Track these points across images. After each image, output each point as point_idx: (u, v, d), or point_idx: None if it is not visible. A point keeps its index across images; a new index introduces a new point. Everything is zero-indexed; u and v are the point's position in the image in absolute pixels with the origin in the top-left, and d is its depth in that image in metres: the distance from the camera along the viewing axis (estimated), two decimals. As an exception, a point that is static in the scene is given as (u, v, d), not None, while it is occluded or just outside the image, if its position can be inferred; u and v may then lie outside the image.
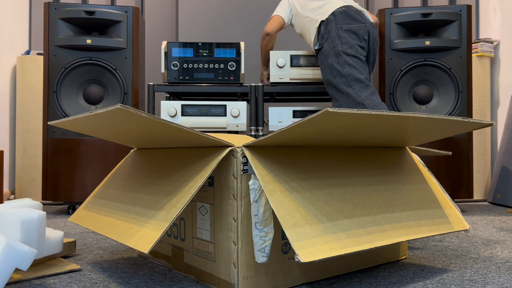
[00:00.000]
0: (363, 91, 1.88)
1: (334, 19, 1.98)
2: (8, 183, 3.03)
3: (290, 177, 0.94)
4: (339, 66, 1.91)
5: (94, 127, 1.08)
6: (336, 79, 1.93)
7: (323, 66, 1.99)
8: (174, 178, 1.00)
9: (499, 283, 1.04)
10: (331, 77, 1.95)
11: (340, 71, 1.91)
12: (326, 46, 1.97)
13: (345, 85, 1.90)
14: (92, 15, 2.28)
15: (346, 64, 1.90)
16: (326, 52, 1.97)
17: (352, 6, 2.04)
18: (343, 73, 1.90)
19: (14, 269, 0.93)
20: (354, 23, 1.99)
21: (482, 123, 1.03)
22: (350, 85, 1.88)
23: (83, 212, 1.26)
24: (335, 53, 1.93)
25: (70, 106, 2.30)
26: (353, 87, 1.88)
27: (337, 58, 1.92)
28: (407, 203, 1.10)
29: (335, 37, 1.94)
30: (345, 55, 1.92)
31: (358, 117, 0.80)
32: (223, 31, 3.17)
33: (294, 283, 1.02)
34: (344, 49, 1.92)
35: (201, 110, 2.23)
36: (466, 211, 2.41)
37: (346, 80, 1.90)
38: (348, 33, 1.95)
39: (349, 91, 1.89)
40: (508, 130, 2.86)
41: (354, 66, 1.91)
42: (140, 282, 1.06)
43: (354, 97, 1.88)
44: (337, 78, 1.92)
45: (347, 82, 1.89)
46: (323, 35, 1.99)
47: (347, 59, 1.91)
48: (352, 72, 1.90)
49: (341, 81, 1.91)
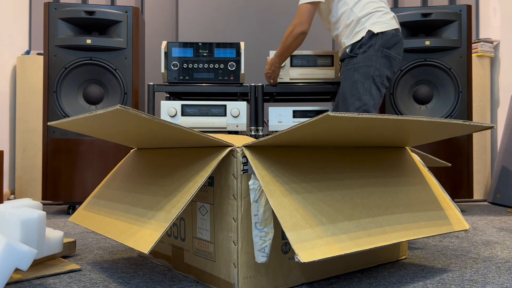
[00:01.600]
0: None
1: (382, 38, 1.83)
2: (8, 183, 3.03)
3: (290, 177, 0.94)
4: (362, 90, 1.81)
5: (94, 128, 1.08)
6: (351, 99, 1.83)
7: (347, 75, 1.88)
8: (174, 178, 1.00)
9: (499, 283, 1.04)
10: (348, 93, 1.85)
11: (360, 95, 1.81)
12: (361, 60, 1.83)
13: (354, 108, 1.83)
14: (92, 15, 2.28)
15: (368, 93, 1.81)
16: (356, 66, 1.84)
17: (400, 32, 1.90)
18: (362, 98, 1.81)
19: (14, 269, 0.93)
20: (395, 54, 1.87)
21: (482, 126, 1.03)
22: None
23: (83, 212, 1.26)
24: (365, 73, 1.82)
25: (70, 106, 2.30)
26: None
27: (364, 80, 1.81)
28: (407, 203, 1.10)
29: (373, 57, 1.82)
30: (372, 82, 1.81)
31: (359, 120, 0.80)
32: (223, 31, 3.17)
33: (294, 283, 1.02)
34: (375, 76, 1.82)
35: (201, 110, 2.23)
36: (466, 211, 2.41)
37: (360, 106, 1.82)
38: (385, 60, 1.83)
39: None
40: (508, 130, 2.86)
41: (373, 98, 1.82)
42: (140, 282, 1.06)
43: None
44: (353, 98, 1.83)
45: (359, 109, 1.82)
46: (362, 45, 1.84)
47: (372, 88, 1.82)
48: (369, 103, 1.81)
49: (354, 103, 1.82)
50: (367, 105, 1.81)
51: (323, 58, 2.29)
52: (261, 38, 3.15)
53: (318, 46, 3.18)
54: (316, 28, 3.20)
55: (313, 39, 3.19)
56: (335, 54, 2.28)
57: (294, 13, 3.17)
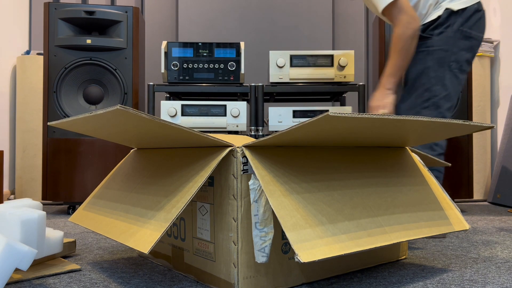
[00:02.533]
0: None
1: (462, 16, 1.61)
2: (8, 183, 3.03)
3: (290, 177, 0.94)
4: (434, 79, 1.61)
5: (94, 128, 1.08)
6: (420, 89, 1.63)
7: (418, 59, 1.65)
8: (174, 178, 1.00)
9: (499, 283, 1.04)
10: (418, 81, 1.64)
11: (430, 85, 1.62)
12: (436, 42, 1.62)
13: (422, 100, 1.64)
14: (92, 15, 2.28)
15: (440, 83, 1.62)
16: (431, 49, 1.62)
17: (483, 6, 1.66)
18: (432, 89, 1.61)
19: (14, 269, 0.93)
20: (477, 32, 1.64)
21: (482, 126, 1.03)
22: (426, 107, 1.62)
23: (83, 212, 1.26)
24: (440, 59, 1.61)
25: (70, 106, 2.30)
26: (429, 109, 1.62)
27: (438, 67, 1.61)
28: (407, 203, 1.10)
29: (450, 39, 1.61)
30: (447, 69, 1.62)
31: (359, 120, 0.80)
32: (223, 31, 3.17)
33: (294, 283, 1.02)
34: (451, 62, 1.62)
35: (201, 110, 2.23)
36: (466, 211, 2.41)
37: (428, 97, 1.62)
38: (465, 41, 1.62)
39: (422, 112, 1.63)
40: (508, 130, 2.86)
41: (446, 88, 1.61)
42: (140, 282, 1.06)
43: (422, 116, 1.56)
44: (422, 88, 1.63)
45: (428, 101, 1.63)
46: (438, 25, 1.62)
47: (445, 77, 1.62)
48: (439, 94, 1.61)
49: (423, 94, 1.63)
50: (437, 97, 1.62)
51: (323, 58, 2.29)
52: (261, 38, 3.15)
53: (318, 46, 3.18)
54: (316, 28, 3.20)
55: (313, 39, 3.19)
56: (335, 54, 2.28)
57: (294, 13, 3.17)
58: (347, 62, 2.28)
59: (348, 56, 2.28)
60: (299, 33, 3.20)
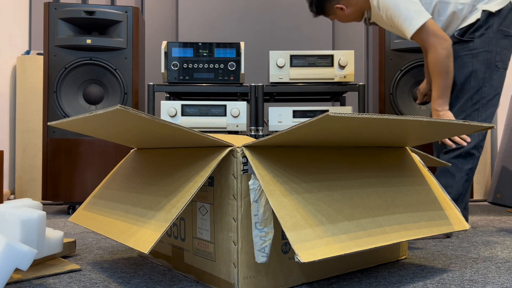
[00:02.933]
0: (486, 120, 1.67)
1: (499, 16, 1.64)
2: (8, 183, 3.03)
3: (290, 177, 0.94)
4: (482, 81, 1.65)
5: (94, 128, 1.08)
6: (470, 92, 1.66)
7: (463, 63, 1.68)
8: (174, 178, 1.00)
9: (499, 283, 1.04)
10: (467, 84, 1.66)
11: (480, 87, 1.64)
12: (479, 45, 1.65)
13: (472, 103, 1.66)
14: (92, 15, 2.28)
15: (488, 84, 1.65)
16: (475, 52, 1.66)
17: None
18: (481, 91, 1.64)
19: (14, 269, 0.93)
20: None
21: (482, 126, 1.03)
22: (477, 109, 1.65)
23: (83, 212, 1.26)
24: (485, 60, 1.65)
25: (70, 106, 2.30)
26: (479, 111, 1.65)
27: (485, 69, 1.64)
28: (407, 203, 1.10)
29: (493, 40, 1.64)
30: (495, 69, 1.65)
31: (359, 120, 0.80)
32: (223, 31, 3.17)
33: (294, 283, 1.02)
34: (496, 61, 1.65)
35: (201, 110, 2.23)
36: (466, 211, 2.41)
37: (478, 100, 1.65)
38: (506, 40, 1.66)
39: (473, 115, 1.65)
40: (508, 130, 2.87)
41: (495, 88, 1.66)
42: (140, 282, 1.06)
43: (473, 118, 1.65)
44: (472, 91, 1.65)
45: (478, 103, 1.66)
46: (478, 27, 1.65)
47: (493, 77, 1.65)
48: (489, 94, 1.65)
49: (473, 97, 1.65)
50: (485, 98, 1.65)
51: (323, 58, 2.29)
52: (261, 38, 3.15)
53: (318, 46, 3.18)
54: (316, 28, 3.20)
55: (313, 39, 3.19)
56: (335, 54, 2.28)
57: (294, 13, 3.17)
58: (347, 62, 2.28)
59: (348, 56, 2.28)
60: (299, 33, 3.21)
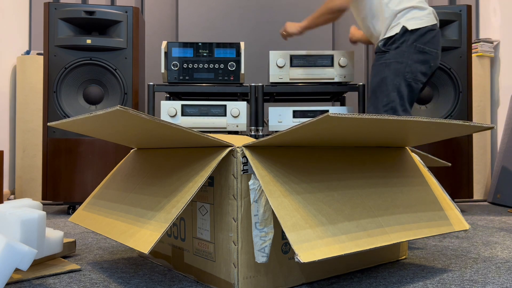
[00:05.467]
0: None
1: (416, 34, 1.80)
2: (8, 183, 3.03)
3: (290, 177, 0.94)
4: (391, 86, 1.81)
5: (94, 128, 1.08)
6: (380, 95, 1.84)
7: (378, 71, 1.87)
8: (174, 179, 1.00)
9: (499, 283, 1.04)
10: (378, 89, 1.85)
11: (388, 92, 1.81)
12: (392, 56, 1.83)
13: (383, 105, 1.83)
14: (92, 15, 2.28)
15: (396, 90, 1.80)
16: (388, 61, 1.84)
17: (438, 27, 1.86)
18: (390, 95, 1.81)
19: (14, 269, 0.93)
20: (431, 48, 1.83)
21: (482, 127, 1.03)
22: (386, 110, 1.82)
23: (83, 212, 1.26)
24: (395, 70, 1.81)
25: (70, 106, 2.30)
26: (387, 112, 1.82)
27: (394, 77, 1.80)
28: (407, 203, 1.10)
29: (405, 53, 1.80)
30: (402, 79, 1.80)
31: (359, 121, 0.80)
32: (223, 31, 3.17)
33: (294, 283, 1.02)
34: (405, 72, 1.80)
35: (201, 110, 2.23)
36: (466, 211, 2.41)
37: (387, 103, 1.82)
38: (419, 55, 1.81)
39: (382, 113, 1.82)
40: (508, 130, 2.87)
41: (401, 96, 1.81)
42: (140, 282, 1.06)
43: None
44: (382, 95, 1.83)
45: (387, 106, 1.82)
46: (395, 40, 1.82)
47: (401, 86, 1.80)
48: (396, 100, 1.80)
49: (383, 100, 1.83)
50: (394, 102, 1.81)
51: (323, 58, 2.29)
52: (261, 38, 3.15)
53: (318, 46, 3.18)
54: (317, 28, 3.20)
55: (313, 39, 3.19)
56: (335, 54, 2.28)
57: (294, 13, 3.17)
58: (347, 62, 2.28)
59: (348, 56, 2.28)
60: (299, 33, 3.20)
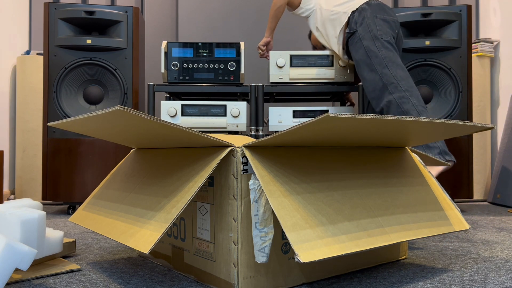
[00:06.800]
0: (399, 72, 1.91)
1: (369, 8, 2.02)
2: (8, 183, 3.03)
3: (290, 177, 0.94)
4: (375, 49, 1.95)
5: (93, 128, 1.08)
6: (371, 60, 1.95)
7: (357, 47, 2.01)
8: (174, 179, 1.00)
9: (499, 283, 1.04)
10: (366, 58, 1.97)
11: (376, 53, 1.94)
12: (361, 30, 2.00)
13: (380, 66, 1.92)
14: (92, 15, 2.28)
15: (383, 47, 1.95)
16: (360, 36, 2.00)
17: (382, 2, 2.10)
18: (379, 55, 1.93)
19: (14, 269, 0.93)
20: (388, 15, 2.04)
21: (482, 127, 1.03)
22: (386, 66, 1.92)
23: (83, 212, 1.26)
24: (371, 37, 1.97)
25: (70, 106, 2.30)
26: (389, 68, 1.91)
27: (373, 41, 1.96)
28: (407, 203, 1.10)
29: (371, 23, 1.99)
30: (381, 39, 1.96)
31: (359, 121, 0.80)
32: (223, 31, 3.17)
33: (294, 283, 1.02)
34: (379, 34, 1.97)
35: (201, 110, 2.23)
36: (466, 211, 2.41)
37: (382, 61, 1.92)
38: (383, 22, 2.00)
39: (384, 71, 1.91)
40: (508, 130, 2.86)
41: (390, 50, 1.95)
42: (140, 282, 1.06)
43: (389, 77, 1.90)
44: (373, 59, 1.95)
45: (383, 63, 1.92)
46: (356, 21, 2.02)
47: (384, 43, 1.95)
48: (389, 55, 1.93)
49: (376, 61, 1.94)
50: (388, 57, 1.93)
51: (323, 58, 2.29)
52: (261, 38, 3.15)
53: (318, 46, 3.18)
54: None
55: (313, 39, 3.19)
56: (335, 54, 2.28)
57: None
58: (347, 62, 2.28)
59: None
60: (299, 33, 3.20)
